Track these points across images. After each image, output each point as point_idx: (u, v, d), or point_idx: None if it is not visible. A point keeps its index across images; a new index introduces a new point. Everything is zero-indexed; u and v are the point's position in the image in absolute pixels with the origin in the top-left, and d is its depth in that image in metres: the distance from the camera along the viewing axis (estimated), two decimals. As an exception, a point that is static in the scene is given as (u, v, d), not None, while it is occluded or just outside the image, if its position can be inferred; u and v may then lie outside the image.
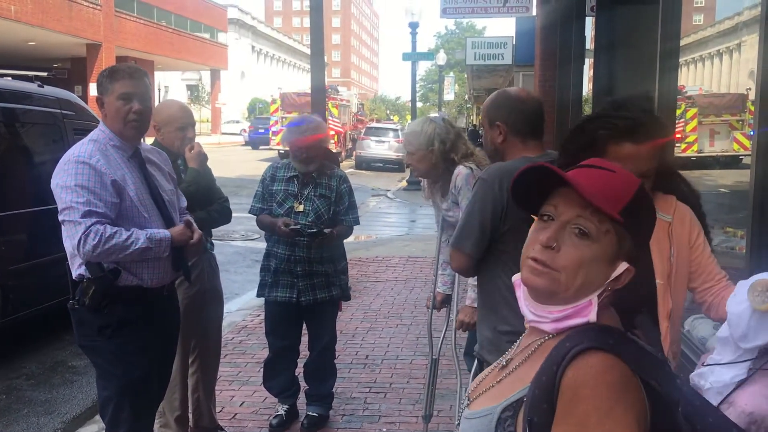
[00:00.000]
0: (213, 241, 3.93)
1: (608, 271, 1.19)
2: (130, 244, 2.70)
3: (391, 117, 74.98)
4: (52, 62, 36.31)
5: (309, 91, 22.81)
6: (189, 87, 62.60)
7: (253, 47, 68.95)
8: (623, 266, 1.19)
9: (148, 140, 4.07)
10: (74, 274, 2.81)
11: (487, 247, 2.52)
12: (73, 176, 2.70)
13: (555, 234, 1.20)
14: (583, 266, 1.18)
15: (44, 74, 6.23)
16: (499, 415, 1.20)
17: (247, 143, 40.77)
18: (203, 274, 3.78)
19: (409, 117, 52.32)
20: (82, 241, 2.64)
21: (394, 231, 11.97)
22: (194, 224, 3.06)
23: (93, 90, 33.81)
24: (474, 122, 47.68)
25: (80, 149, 2.80)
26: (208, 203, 3.75)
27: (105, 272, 2.74)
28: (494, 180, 2.48)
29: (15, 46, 31.49)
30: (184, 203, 3.26)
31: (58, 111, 6.04)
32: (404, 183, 21.11)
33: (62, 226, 2.76)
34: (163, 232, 2.84)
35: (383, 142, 28.01)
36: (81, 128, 6.45)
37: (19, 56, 31.49)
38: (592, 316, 1.18)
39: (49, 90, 6.10)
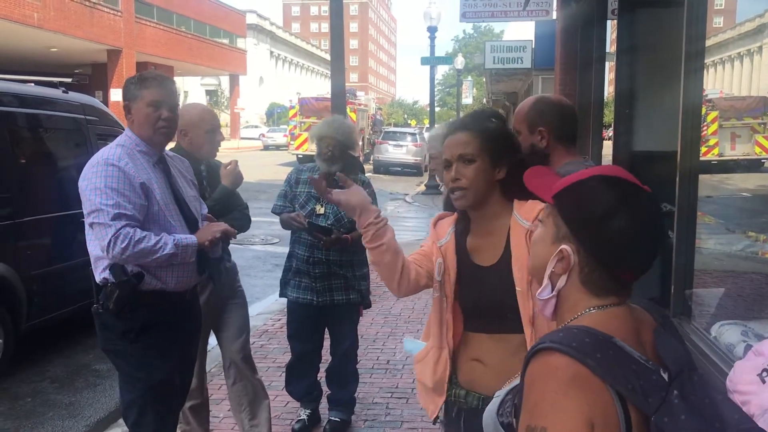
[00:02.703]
0: (231, 246, 3.88)
1: (551, 250, 1.32)
2: (159, 249, 2.71)
3: (409, 121, 75.01)
4: (74, 68, 36.67)
5: (327, 95, 22.82)
6: (208, 92, 63.02)
7: (271, 52, 69.31)
8: (561, 247, 1.31)
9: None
10: (98, 278, 2.82)
11: None
12: (102, 178, 2.71)
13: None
14: (534, 245, 1.40)
15: (68, 80, 6.29)
16: (504, 397, 1.41)
17: (266, 148, 41.02)
18: (220, 283, 3.75)
19: (426, 121, 52.28)
20: (111, 243, 2.65)
21: (413, 235, 11.94)
22: (215, 219, 3.10)
23: (114, 95, 34.21)
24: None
25: (108, 152, 2.81)
26: (228, 211, 3.69)
27: (129, 276, 2.75)
28: None
29: (37, 52, 31.90)
30: (205, 210, 3.27)
31: (82, 116, 6.11)
32: (422, 187, 21.09)
33: (90, 228, 2.76)
34: (190, 238, 2.85)
35: (401, 146, 28.02)
36: (104, 133, 6.51)
37: (41, 62, 31.86)
38: (543, 293, 1.34)
39: (73, 96, 6.16)
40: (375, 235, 2.09)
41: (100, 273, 2.80)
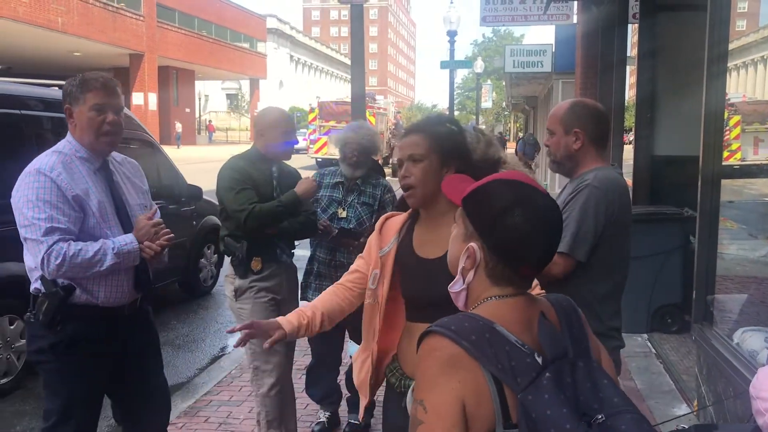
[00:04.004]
0: (291, 251, 3.90)
1: (461, 247, 1.47)
2: (97, 261, 2.61)
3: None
4: (97, 72, 37.08)
5: (347, 99, 22.86)
6: (228, 96, 63.52)
7: (291, 56, 69.64)
8: (468, 245, 1.45)
9: (242, 147, 4.08)
10: (31, 288, 2.74)
11: None
12: (34, 189, 2.59)
13: None
14: (449, 244, 1.54)
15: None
16: None
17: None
18: (281, 285, 3.76)
19: (446, 125, 52.17)
20: (45, 261, 2.55)
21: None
22: (156, 215, 2.88)
23: (136, 99, 34.64)
24: (518, 129, 47.27)
25: (42, 161, 2.68)
26: (294, 214, 3.67)
27: (57, 287, 2.65)
28: (606, 189, 2.61)
29: (61, 56, 32.35)
30: (158, 216, 3.03)
31: (106, 120, 6.16)
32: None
33: (24, 244, 2.66)
34: (131, 243, 2.70)
35: (420, 150, 27.95)
36: (127, 137, 6.59)
37: (65, 66, 32.29)
38: (455, 286, 1.48)
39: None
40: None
41: (33, 283, 2.72)
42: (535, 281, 2.24)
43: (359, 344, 2.53)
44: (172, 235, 2.86)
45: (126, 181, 2.92)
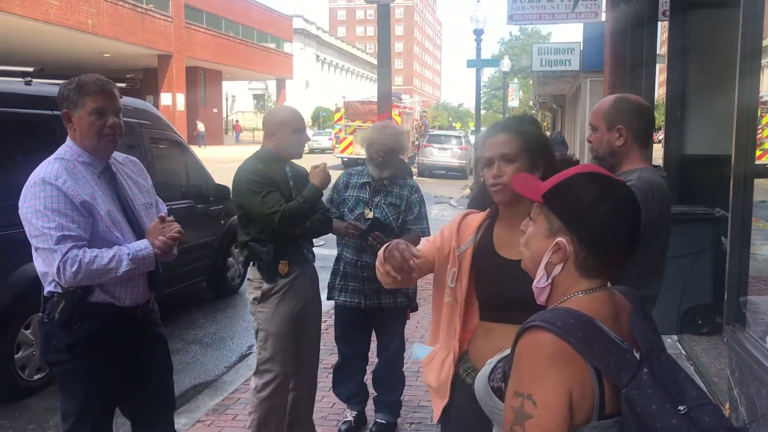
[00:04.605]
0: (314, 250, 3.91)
1: (546, 244, 1.49)
2: (113, 267, 2.60)
3: (454, 124, 74.75)
4: (125, 73, 37.65)
5: (372, 99, 22.82)
6: (255, 96, 63.94)
7: (317, 56, 69.92)
8: (557, 240, 1.47)
9: (253, 147, 4.10)
10: (45, 291, 2.73)
11: None
12: (41, 199, 2.58)
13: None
14: (528, 242, 1.56)
15: (123, 85, 6.46)
16: (495, 365, 1.61)
17: (311, 151, 41.39)
18: (306, 285, 3.76)
19: (471, 124, 52.04)
20: (60, 270, 2.54)
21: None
22: (169, 217, 2.87)
23: (164, 99, 34.98)
24: (545, 128, 46.91)
25: (46, 169, 2.65)
26: (312, 213, 3.69)
27: (75, 287, 2.64)
28: (648, 191, 2.60)
29: (91, 58, 32.80)
30: (164, 210, 3.10)
31: (135, 120, 6.24)
32: (467, 190, 21.02)
33: (36, 253, 2.66)
34: (146, 249, 2.70)
35: (446, 149, 27.93)
36: (156, 137, 6.67)
37: (94, 68, 32.58)
38: (540, 281, 1.51)
39: (128, 100, 6.31)
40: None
41: (47, 287, 2.72)
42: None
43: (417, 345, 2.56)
44: (181, 229, 2.82)
45: (129, 181, 2.91)
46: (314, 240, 3.93)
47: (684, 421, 1.29)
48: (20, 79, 5.27)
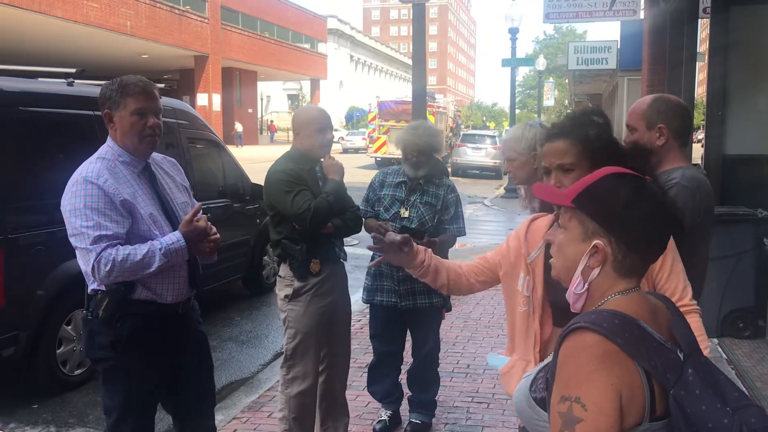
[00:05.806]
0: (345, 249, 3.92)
1: (582, 248, 1.46)
2: (148, 263, 2.64)
3: (488, 123, 74.36)
4: (162, 74, 38.22)
5: (406, 98, 22.78)
6: (290, 96, 64.34)
7: (351, 56, 70.11)
8: (594, 242, 1.44)
9: (287, 147, 4.06)
10: (89, 289, 2.78)
11: None
12: (81, 198, 2.63)
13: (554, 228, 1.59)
14: (561, 249, 1.52)
15: (162, 86, 6.55)
16: (536, 375, 1.55)
17: (345, 151, 41.56)
18: (336, 284, 3.78)
19: (506, 123, 51.72)
20: (95, 268, 2.59)
21: (492, 239, 11.83)
22: (199, 213, 2.85)
23: (200, 100, 35.35)
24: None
25: (88, 168, 2.70)
26: (342, 212, 3.71)
27: (119, 284, 2.70)
28: (694, 188, 2.59)
29: (129, 59, 33.35)
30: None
31: (174, 120, 6.33)
32: (501, 190, 20.90)
33: (76, 250, 2.70)
34: (177, 242, 2.71)
35: (480, 149, 27.78)
36: (194, 137, 6.75)
37: (132, 69, 33.10)
38: (578, 287, 1.48)
39: (166, 100, 6.39)
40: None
41: (90, 285, 2.76)
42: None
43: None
44: (219, 236, 2.88)
45: (168, 180, 2.95)
46: (347, 239, 3.93)
47: (735, 420, 1.27)
48: (63, 80, 5.38)
